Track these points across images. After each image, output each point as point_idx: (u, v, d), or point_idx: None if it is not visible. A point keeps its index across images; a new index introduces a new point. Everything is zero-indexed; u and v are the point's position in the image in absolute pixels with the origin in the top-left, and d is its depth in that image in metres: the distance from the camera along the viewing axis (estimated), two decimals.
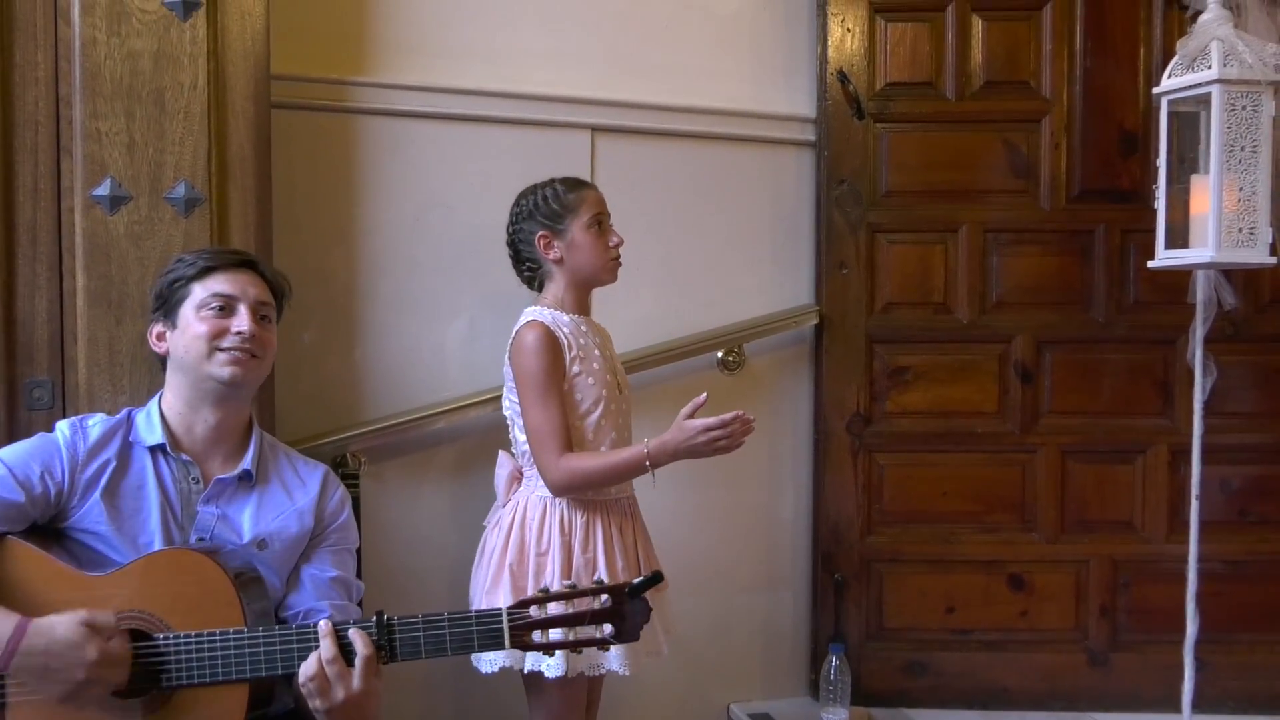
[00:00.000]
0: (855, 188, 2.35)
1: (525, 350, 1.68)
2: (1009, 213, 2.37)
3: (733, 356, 2.34)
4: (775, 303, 2.39)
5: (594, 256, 1.75)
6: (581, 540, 1.70)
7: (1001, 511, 2.39)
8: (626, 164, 2.28)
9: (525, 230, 1.76)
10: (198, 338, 1.41)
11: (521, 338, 1.71)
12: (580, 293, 1.79)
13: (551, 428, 1.66)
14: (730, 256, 2.38)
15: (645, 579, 1.25)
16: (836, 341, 2.37)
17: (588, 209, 1.75)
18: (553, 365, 1.68)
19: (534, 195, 1.77)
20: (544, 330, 1.69)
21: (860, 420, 2.38)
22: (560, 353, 1.69)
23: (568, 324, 1.74)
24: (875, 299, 2.38)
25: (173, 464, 1.43)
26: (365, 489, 2.08)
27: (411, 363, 2.15)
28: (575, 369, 1.71)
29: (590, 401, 1.72)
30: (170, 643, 1.27)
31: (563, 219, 1.74)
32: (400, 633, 1.27)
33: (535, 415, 1.67)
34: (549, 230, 1.74)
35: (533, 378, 1.67)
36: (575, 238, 1.74)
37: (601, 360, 1.77)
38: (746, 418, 1.59)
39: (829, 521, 2.38)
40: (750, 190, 2.38)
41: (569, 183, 1.78)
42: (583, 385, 1.72)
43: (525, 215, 1.76)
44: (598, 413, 1.72)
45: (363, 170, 2.12)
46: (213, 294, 1.43)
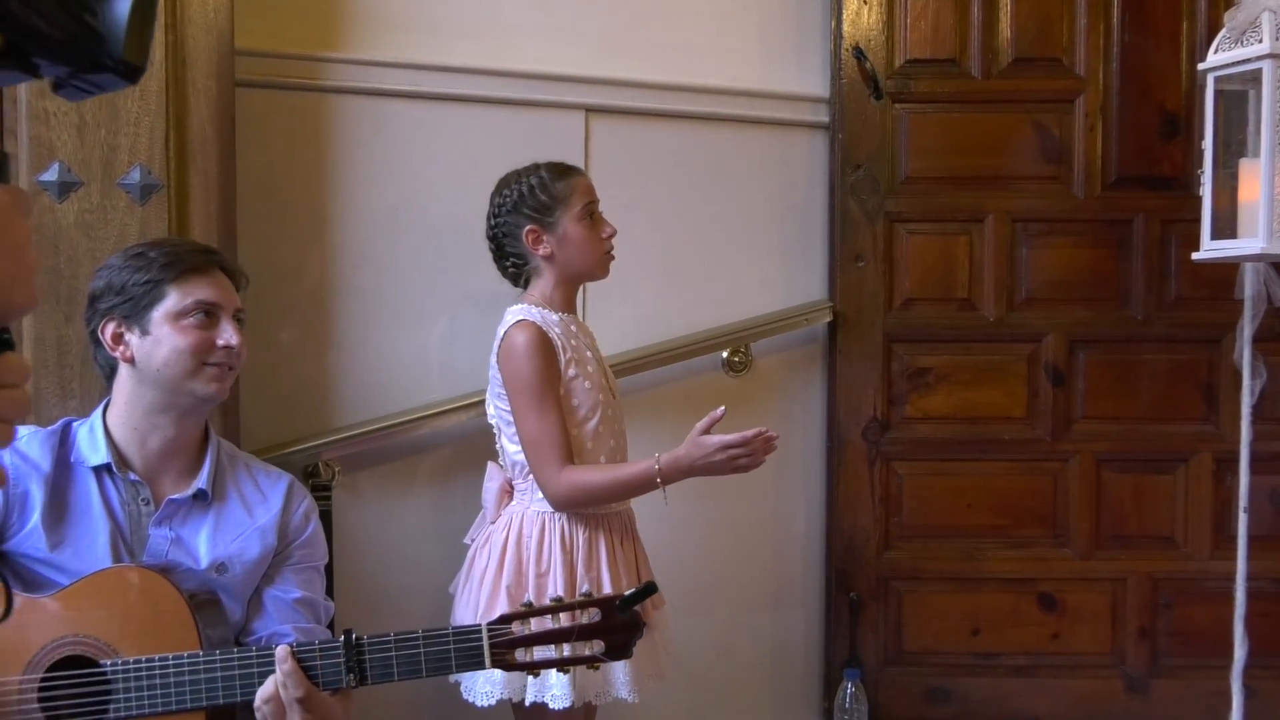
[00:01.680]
0: (872, 174, 2.34)
1: (517, 353, 1.66)
2: (1039, 201, 2.35)
3: (739, 357, 2.34)
4: (785, 299, 2.38)
5: (587, 250, 1.74)
6: (585, 558, 1.68)
7: (1031, 525, 2.38)
8: (623, 148, 2.28)
9: (510, 224, 1.74)
10: (180, 352, 1.38)
11: (512, 340, 1.68)
12: (569, 289, 1.78)
13: (551, 437, 1.64)
14: (736, 248, 2.38)
15: (637, 590, 1.24)
16: (851, 341, 2.36)
17: (579, 198, 1.73)
18: (548, 369, 1.66)
19: (519, 185, 1.74)
20: (536, 331, 1.67)
21: (877, 426, 2.36)
22: (554, 355, 1.68)
23: (558, 323, 1.72)
24: (894, 295, 2.37)
25: (120, 484, 1.41)
26: (339, 501, 2.08)
27: (390, 364, 2.15)
28: (571, 372, 1.69)
29: (588, 407, 1.70)
30: (118, 669, 1.26)
31: (553, 211, 1.72)
32: (370, 653, 1.25)
33: (531, 424, 1.65)
34: (538, 224, 1.72)
35: (527, 383, 1.65)
36: (567, 231, 1.72)
37: (594, 362, 1.76)
38: (769, 435, 1.57)
39: (843, 536, 2.38)
40: (758, 176, 2.37)
41: (556, 169, 1.76)
42: (579, 390, 1.70)
43: (510, 207, 1.74)
44: (595, 419, 1.71)
45: (337, 154, 2.11)
46: (196, 302, 1.39)
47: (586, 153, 2.24)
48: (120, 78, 0.64)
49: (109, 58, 0.63)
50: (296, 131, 2.09)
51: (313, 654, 1.26)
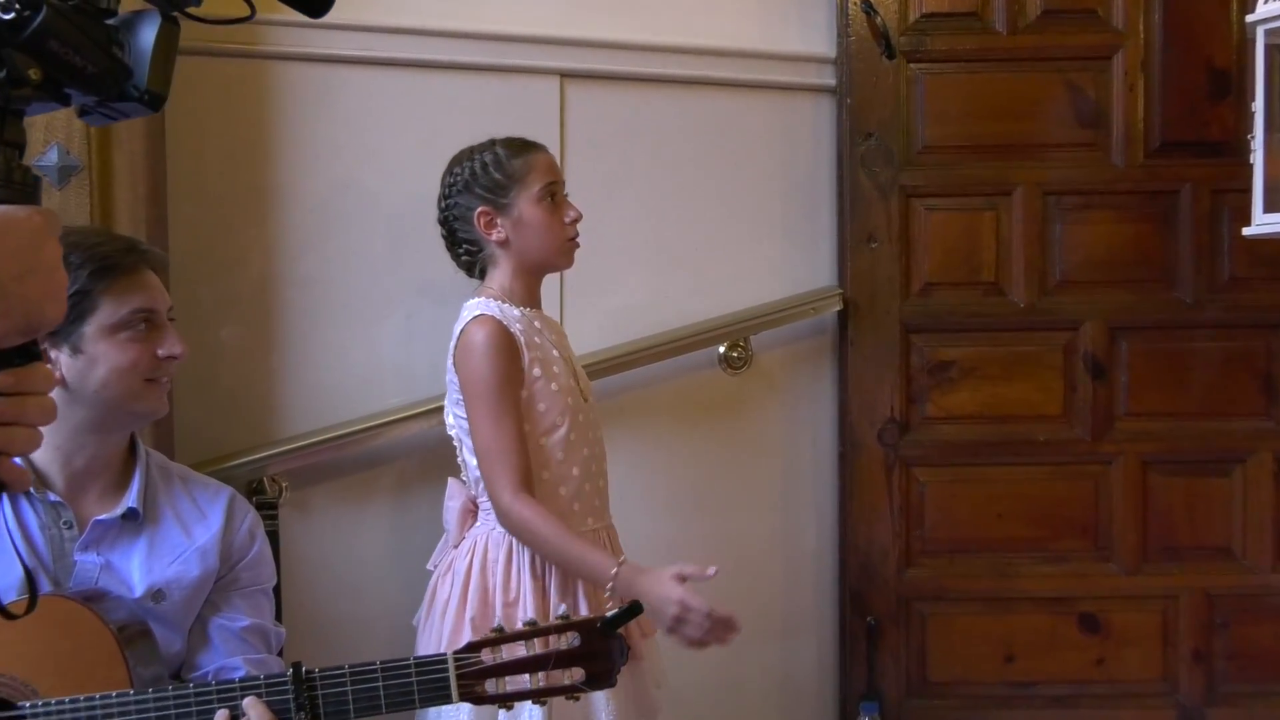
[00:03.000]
0: (885, 143, 2.35)
1: (475, 352, 1.68)
2: (1074, 171, 2.36)
3: (737, 352, 2.35)
4: (789, 285, 2.39)
5: (546, 236, 1.75)
6: (559, 584, 1.69)
7: (1070, 537, 2.39)
8: (603, 117, 2.28)
9: (461, 205, 1.76)
10: (122, 371, 1.39)
11: (469, 337, 1.70)
12: (530, 280, 1.79)
13: (506, 447, 1.66)
14: (732, 230, 2.38)
15: (621, 610, 1.25)
16: (865, 332, 2.37)
17: (537, 177, 1.74)
18: (508, 370, 1.68)
19: (470, 162, 1.76)
20: (496, 327, 1.69)
21: (895, 428, 2.37)
22: (516, 354, 1.69)
23: (519, 319, 1.73)
24: (911, 279, 2.38)
25: (38, 507, 1.41)
26: (286, 520, 2.09)
27: (342, 365, 2.16)
28: (535, 372, 1.71)
29: (557, 412, 1.72)
30: (38, 711, 1.26)
31: (507, 190, 1.73)
32: (324, 688, 1.26)
33: (486, 432, 1.67)
34: (490, 205, 1.74)
35: (484, 386, 1.67)
36: (523, 213, 1.73)
37: (562, 362, 1.77)
38: (735, 624, 1.56)
39: (858, 552, 2.38)
40: (756, 148, 2.38)
41: (513, 145, 1.77)
42: (545, 393, 1.72)
43: (461, 187, 1.76)
44: (565, 426, 1.72)
45: (279, 129, 2.12)
46: (134, 311, 1.40)
47: (562, 124, 2.24)
48: (145, 106, 0.78)
49: (134, 88, 0.76)
50: (233, 103, 2.10)
51: (257, 689, 1.27)
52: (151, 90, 0.77)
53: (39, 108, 0.75)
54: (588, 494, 1.76)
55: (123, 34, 0.78)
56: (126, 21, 0.79)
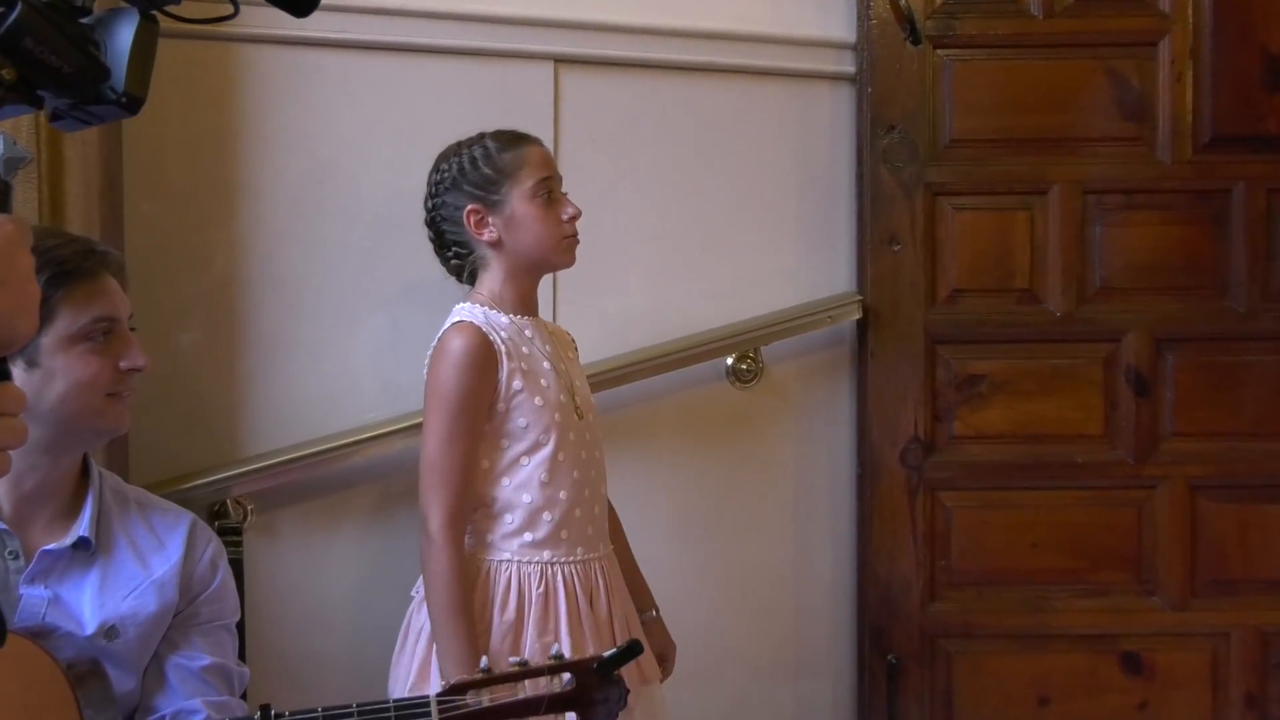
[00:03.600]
0: (909, 136, 2.35)
1: (444, 361, 1.69)
2: (1116, 167, 2.36)
3: (747, 364, 2.35)
4: (803, 291, 2.39)
5: (541, 234, 1.75)
6: (538, 617, 1.69)
7: (1110, 568, 2.39)
8: (601, 106, 2.28)
9: (449, 204, 1.77)
10: (82, 386, 1.39)
11: (444, 344, 1.72)
12: (524, 284, 1.80)
13: (450, 472, 1.66)
14: (742, 230, 2.38)
15: (619, 650, 1.25)
16: (886, 342, 2.37)
17: (531, 172, 1.75)
18: (476, 387, 1.69)
19: (458, 158, 1.77)
20: (474, 336, 1.70)
21: (919, 448, 2.37)
22: (491, 370, 1.70)
23: (506, 327, 1.75)
24: (937, 285, 2.38)
25: None
26: (251, 547, 2.09)
27: (316, 375, 2.16)
28: (516, 385, 1.72)
29: (540, 430, 1.73)
30: None
31: (498, 186, 1.74)
32: None
33: (434, 448, 1.68)
34: (480, 203, 1.75)
35: (445, 399, 1.68)
36: (515, 211, 1.74)
37: (553, 375, 1.77)
38: None
39: (879, 584, 2.38)
40: (768, 140, 2.38)
41: (504, 138, 1.78)
42: (526, 408, 1.72)
43: (448, 184, 1.76)
44: (550, 446, 1.73)
45: (248, 116, 2.12)
46: (94, 320, 1.40)
47: (556, 113, 2.24)
48: (122, 109, 0.79)
49: (112, 90, 0.78)
50: (197, 89, 2.09)
51: None
52: (130, 93, 0.78)
53: (9, 111, 0.75)
54: (578, 521, 1.75)
55: (99, 33, 0.78)
56: (103, 20, 0.80)
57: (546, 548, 1.72)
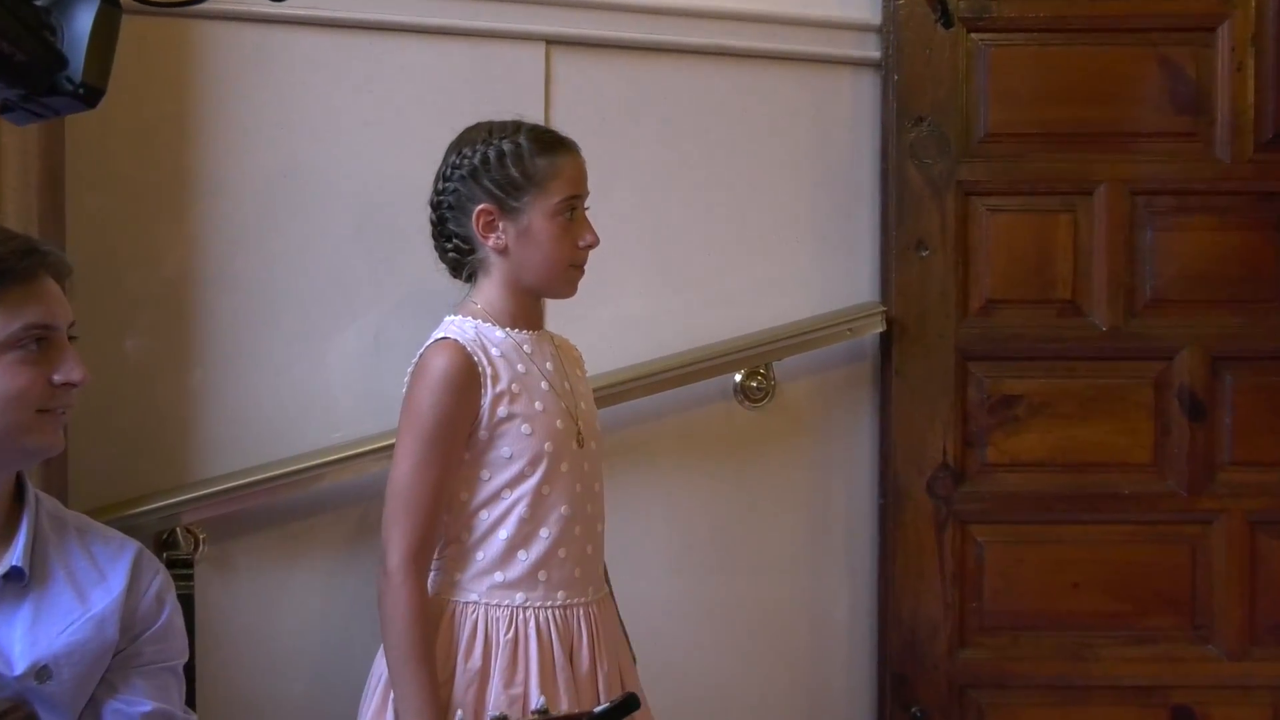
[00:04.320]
0: (939, 129, 2.35)
1: (424, 381, 1.68)
2: (1168, 166, 2.36)
3: (757, 381, 2.34)
4: (820, 301, 2.39)
5: (551, 257, 1.75)
6: (505, 666, 1.68)
7: (1160, 612, 2.38)
8: (597, 93, 2.27)
9: (461, 194, 1.75)
10: (11, 400, 1.38)
11: (425, 362, 1.71)
12: (526, 298, 1.79)
13: (418, 501, 1.66)
14: (753, 232, 2.37)
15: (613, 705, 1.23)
16: (913, 359, 2.36)
17: (561, 186, 1.73)
18: (455, 414, 1.68)
19: (488, 146, 1.74)
20: (456, 356, 1.69)
21: (948, 476, 2.36)
22: (473, 395, 1.69)
23: (500, 343, 1.74)
24: (970, 295, 2.37)
25: None
26: (204, 580, 2.08)
27: (278, 388, 2.15)
28: (502, 411, 1.70)
29: (525, 461, 1.71)
30: None
31: (521, 192, 1.72)
32: None
33: (403, 474, 1.67)
34: (497, 204, 1.73)
35: (419, 422, 1.67)
36: (533, 225, 1.73)
37: (552, 398, 1.76)
38: None
39: (902, 627, 2.37)
40: (783, 133, 2.37)
41: (544, 140, 1.76)
42: (512, 437, 1.71)
43: (467, 172, 1.74)
44: (536, 477, 1.71)
45: (208, 102, 2.11)
46: (25, 327, 1.39)
47: (547, 100, 2.23)
48: (79, 101, 0.79)
49: (68, 80, 0.77)
50: (150, 71, 2.08)
51: None
52: (88, 84, 0.78)
53: None
54: (562, 562, 1.73)
55: (56, 18, 0.77)
56: (60, 3, 0.78)
57: (519, 589, 1.70)
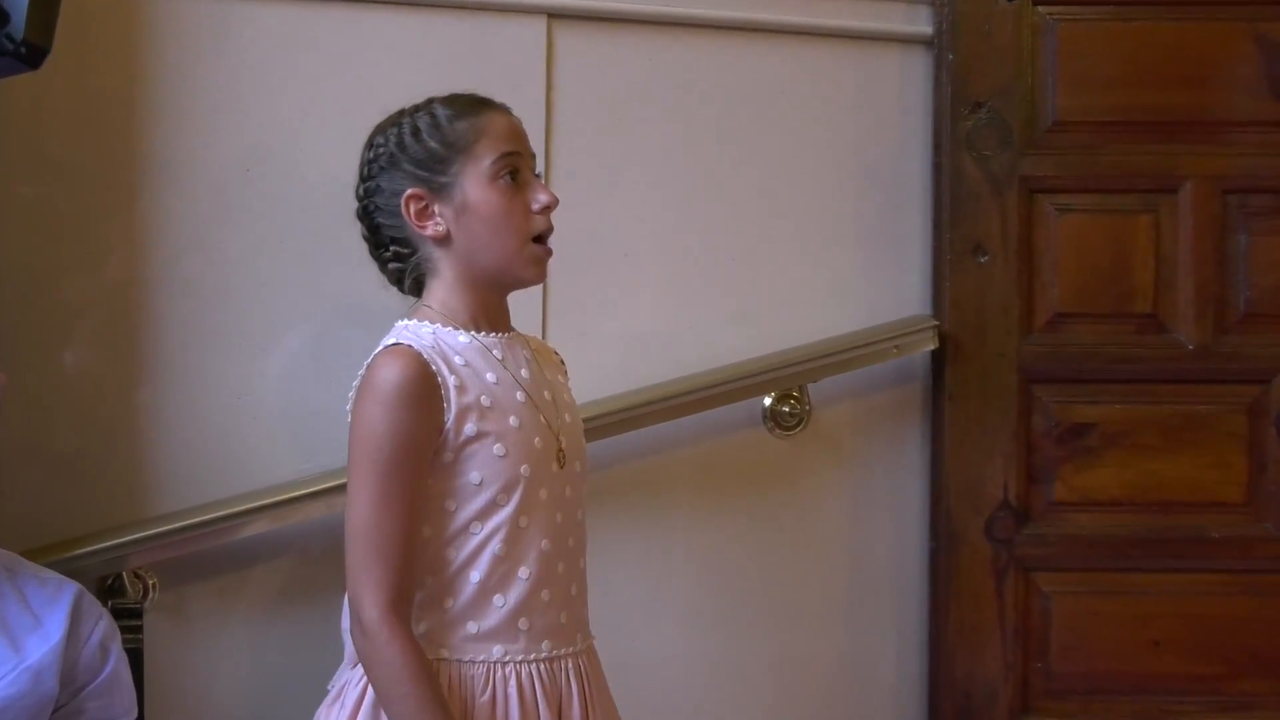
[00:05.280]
0: (1000, 116, 2.35)
1: (372, 397, 1.64)
2: (1266, 160, 2.37)
3: (790, 406, 2.34)
4: (862, 313, 2.39)
5: (502, 228, 1.71)
6: None
7: (1255, 675, 2.38)
8: (606, 74, 2.28)
9: (385, 189, 1.73)
10: None
11: (371, 375, 1.66)
12: (484, 294, 1.76)
13: (387, 542, 1.61)
14: (784, 233, 2.37)
15: None
16: (969, 381, 2.36)
17: (490, 145, 1.71)
18: (414, 430, 1.63)
19: (398, 129, 1.74)
20: (410, 365, 1.64)
21: (1010, 517, 2.36)
22: (433, 409, 1.65)
23: (464, 349, 1.71)
24: (1035, 307, 2.38)
25: None
26: (154, 631, 2.07)
27: (242, 412, 2.15)
28: (470, 429, 1.66)
29: (498, 488, 1.67)
30: None
31: (446, 165, 1.71)
32: None
33: (364, 512, 1.63)
34: (423, 185, 1.71)
35: (375, 447, 1.62)
36: (470, 197, 1.70)
37: (528, 410, 1.73)
38: None
39: (956, 690, 2.37)
40: (819, 120, 2.37)
41: (457, 104, 1.74)
42: (481, 459, 1.67)
43: (385, 162, 1.73)
44: (510, 506, 1.67)
45: (157, 81, 2.11)
46: None
47: (548, 81, 2.24)
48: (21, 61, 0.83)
49: (8, 38, 0.81)
50: (90, 46, 2.08)
51: None
52: (31, 42, 0.82)
53: None
54: (545, 607, 1.70)
55: None
56: None
57: (497, 641, 1.66)
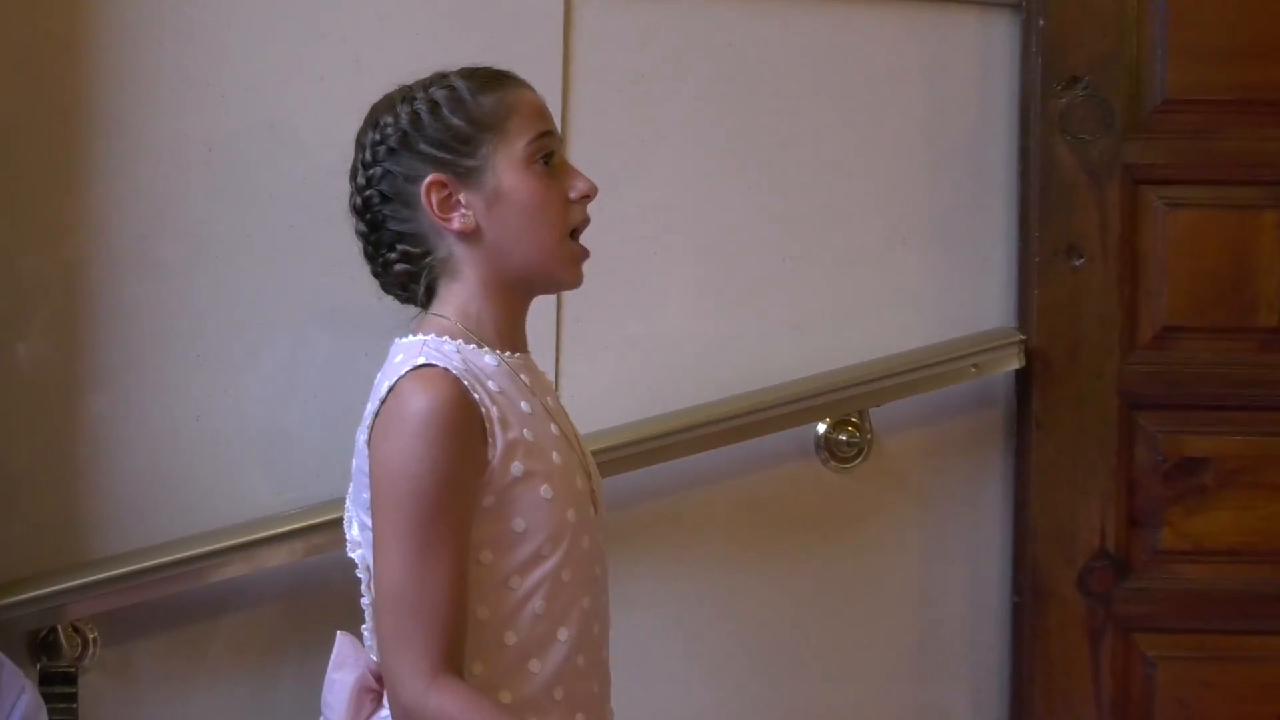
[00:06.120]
0: (1100, 93, 2.34)
1: (406, 430, 1.59)
2: None
3: (847, 434, 2.34)
4: (933, 326, 2.39)
5: (542, 220, 1.69)
6: None
7: None
8: (633, 44, 2.30)
9: (397, 174, 1.70)
10: None
11: (402, 403, 1.61)
12: (511, 303, 1.74)
13: (434, 603, 1.56)
14: (840, 230, 2.38)
15: None
16: (1060, 406, 2.35)
17: (524, 124, 1.69)
18: (458, 470, 1.59)
19: (410, 104, 1.71)
20: (449, 389, 1.60)
21: (1108, 567, 2.34)
22: (477, 440, 1.61)
23: (494, 371, 1.68)
24: (1139, 320, 2.37)
25: None
26: (94, 693, 2.08)
27: (202, 431, 2.15)
28: (516, 469, 1.64)
29: (544, 537, 1.64)
30: None
31: (475, 145, 1.68)
32: None
33: (400, 569, 1.58)
34: (449, 170, 1.67)
35: (411, 493, 1.57)
36: (504, 183, 1.67)
37: (562, 446, 1.71)
38: None
39: None
40: (884, 99, 2.39)
41: (480, 77, 1.72)
42: (528, 503, 1.64)
43: (395, 143, 1.70)
44: (555, 558, 1.64)
45: (108, 49, 2.11)
46: None
47: (566, 52, 2.25)
48: None
49: None
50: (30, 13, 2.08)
51: None
52: None
53: None
54: (580, 673, 1.69)
55: None
56: None
57: (530, 712, 1.63)
